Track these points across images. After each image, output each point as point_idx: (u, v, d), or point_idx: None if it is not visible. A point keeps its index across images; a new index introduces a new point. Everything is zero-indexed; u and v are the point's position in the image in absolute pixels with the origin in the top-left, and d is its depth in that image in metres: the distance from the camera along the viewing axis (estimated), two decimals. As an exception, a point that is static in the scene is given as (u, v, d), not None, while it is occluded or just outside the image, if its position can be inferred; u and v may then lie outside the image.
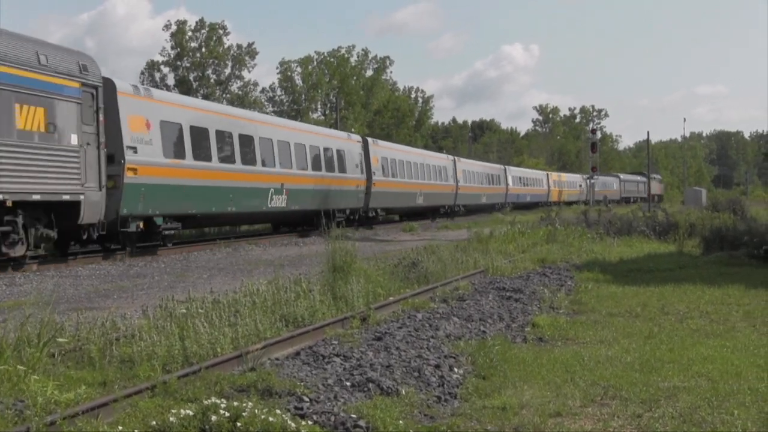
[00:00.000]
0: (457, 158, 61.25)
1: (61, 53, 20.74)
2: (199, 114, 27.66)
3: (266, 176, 31.00)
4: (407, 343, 10.80)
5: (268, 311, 11.75)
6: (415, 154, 51.50)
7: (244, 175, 29.48)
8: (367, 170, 41.33)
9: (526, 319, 13.73)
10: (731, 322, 13.23)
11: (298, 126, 38.19)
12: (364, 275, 15.08)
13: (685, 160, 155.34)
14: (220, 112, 29.76)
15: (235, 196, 28.91)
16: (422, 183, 50.00)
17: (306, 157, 34.96)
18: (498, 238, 27.28)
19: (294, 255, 25.42)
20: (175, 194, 25.48)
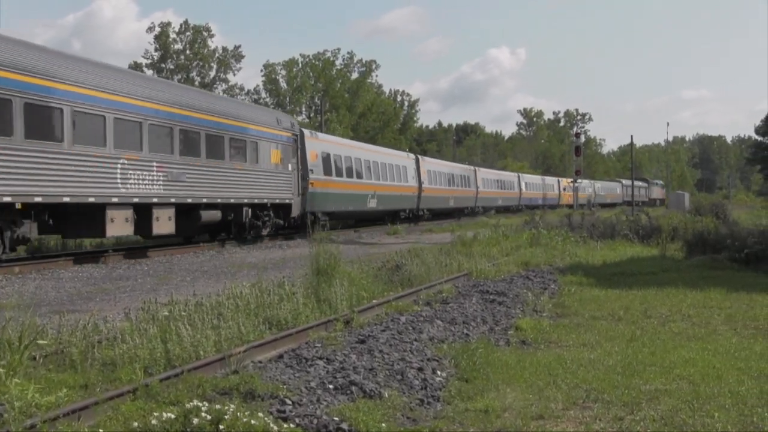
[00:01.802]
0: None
1: (283, 116, 35.03)
2: (337, 146, 41.87)
3: (366, 186, 44.30)
4: (390, 346, 10.79)
5: (252, 314, 11.72)
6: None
7: (356, 185, 42.96)
8: (417, 179, 53.68)
9: (509, 322, 13.74)
10: (713, 326, 13.28)
11: (380, 149, 51.98)
12: (348, 278, 15.07)
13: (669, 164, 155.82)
14: (345, 144, 44.77)
15: (352, 199, 42.17)
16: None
17: (386, 172, 47.79)
18: (482, 241, 27.32)
19: (278, 258, 25.38)
20: (326, 199, 38.63)
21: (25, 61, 19.53)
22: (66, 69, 21.13)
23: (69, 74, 21.18)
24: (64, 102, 20.79)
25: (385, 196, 47.08)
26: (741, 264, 22.46)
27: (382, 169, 47.23)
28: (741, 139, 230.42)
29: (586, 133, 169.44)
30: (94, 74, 22.40)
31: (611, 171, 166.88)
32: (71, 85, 21.11)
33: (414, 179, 53.39)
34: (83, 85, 21.57)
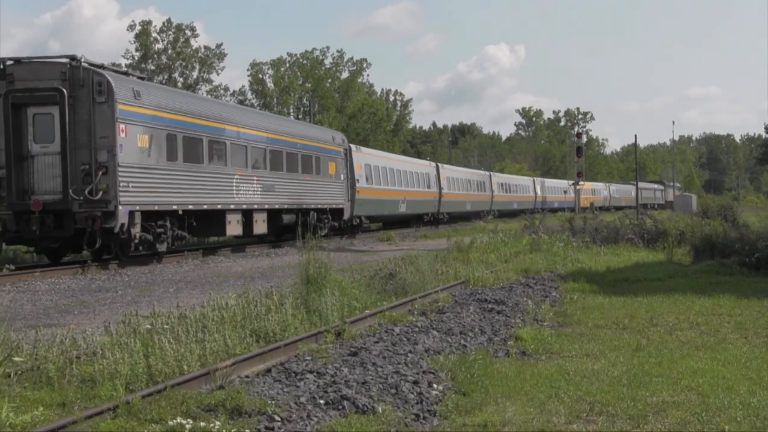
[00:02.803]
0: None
1: (336, 134, 43.66)
2: (375, 158, 49.78)
3: (398, 192, 51.52)
4: (384, 359, 10.78)
5: (238, 326, 11.71)
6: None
7: (391, 192, 49.99)
8: (438, 185, 60.77)
9: (508, 332, 13.73)
10: (722, 334, 13.28)
11: (407, 159, 61.37)
12: (339, 287, 15.07)
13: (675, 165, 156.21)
14: (381, 156, 52.95)
15: (387, 205, 49.54)
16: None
17: (413, 179, 55.13)
18: (479, 247, 27.35)
19: (265, 267, 25.36)
20: (369, 204, 46.00)
21: (184, 107, 27.96)
22: (204, 108, 29.88)
23: (207, 112, 29.53)
24: (204, 134, 28.61)
25: (413, 201, 55.01)
26: (751, 269, 22.49)
27: (409, 177, 55.04)
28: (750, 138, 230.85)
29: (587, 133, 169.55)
30: (221, 110, 31.71)
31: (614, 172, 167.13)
32: (207, 120, 28.96)
33: (435, 185, 60.94)
34: (214, 119, 29.57)
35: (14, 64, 23.97)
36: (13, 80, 23.61)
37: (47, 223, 23.53)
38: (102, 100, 23.58)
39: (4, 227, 23.71)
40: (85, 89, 23.61)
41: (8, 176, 23.44)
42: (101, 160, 23.40)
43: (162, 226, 26.22)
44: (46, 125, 23.69)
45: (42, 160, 23.73)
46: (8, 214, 23.52)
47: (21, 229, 23.61)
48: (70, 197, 23.26)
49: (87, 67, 23.89)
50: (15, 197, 23.48)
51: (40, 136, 23.75)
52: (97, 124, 23.54)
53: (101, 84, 23.55)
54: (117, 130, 23.63)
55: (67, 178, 23.31)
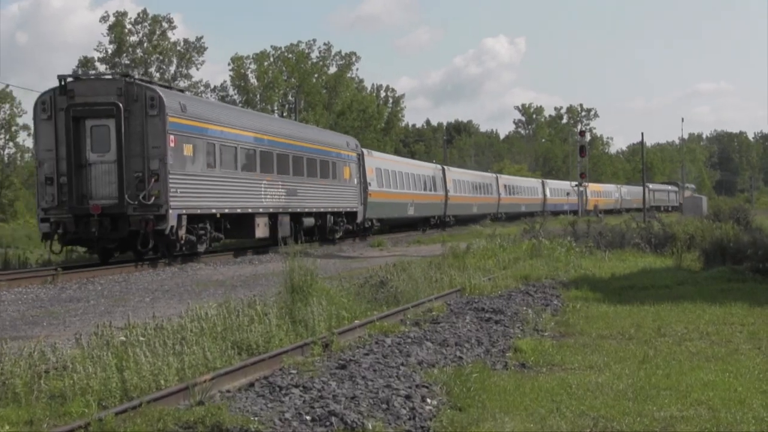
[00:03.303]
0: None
1: (350, 140, 47.10)
2: (386, 162, 53.54)
3: (406, 195, 54.90)
4: (374, 372, 10.79)
5: (218, 338, 11.70)
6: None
7: (400, 195, 53.56)
8: (444, 188, 63.70)
9: (507, 343, 13.75)
10: (734, 344, 13.32)
11: (414, 162, 65.73)
12: (327, 296, 15.07)
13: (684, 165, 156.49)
14: (391, 159, 57.12)
15: (397, 207, 52.89)
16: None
17: (420, 182, 58.38)
18: (476, 253, 27.34)
19: (248, 274, 25.36)
20: (381, 207, 49.39)
21: (220, 118, 31.51)
22: (237, 118, 33.59)
23: (239, 122, 33.04)
24: (237, 142, 32.05)
25: (420, 204, 58.14)
26: (765, 275, 22.54)
27: (417, 180, 58.37)
28: (764, 135, 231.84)
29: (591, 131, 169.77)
30: (251, 119, 36.00)
31: (620, 173, 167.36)
32: (239, 129, 32.47)
33: (441, 188, 63.87)
34: (245, 128, 33.22)
35: (74, 81, 27.76)
36: (74, 96, 27.02)
37: (105, 225, 26.93)
38: (154, 113, 27.08)
39: (65, 229, 27.10)
40: (139, 103, 27.06)
41: (69, 183, 26.79)
42: (153, 168, 26.93)
43: (203, 229, 29.93)
44: (102, 136, 27.12)
45: (99, 168, 27.18)
46: (69, 217, 26.90)
47: (80, 230, 27.04)
48: (125, 202, 26.65)
49: (140, 83, 27.65)
50: (75, 202, 26.83)
51: (97, 146, 27.15)
52: (150, 136, 27.01)
53: (153, 99, 27.06)
54: (167, 140, 27.19)
55: (123, 184, 26.67)
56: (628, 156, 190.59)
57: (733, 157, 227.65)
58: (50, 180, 27.14)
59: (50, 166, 27.18)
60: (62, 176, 26.95)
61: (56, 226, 27.15)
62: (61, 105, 27.02)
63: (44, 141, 27.45)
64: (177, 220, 27.58)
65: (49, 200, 27.18)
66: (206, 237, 30.27)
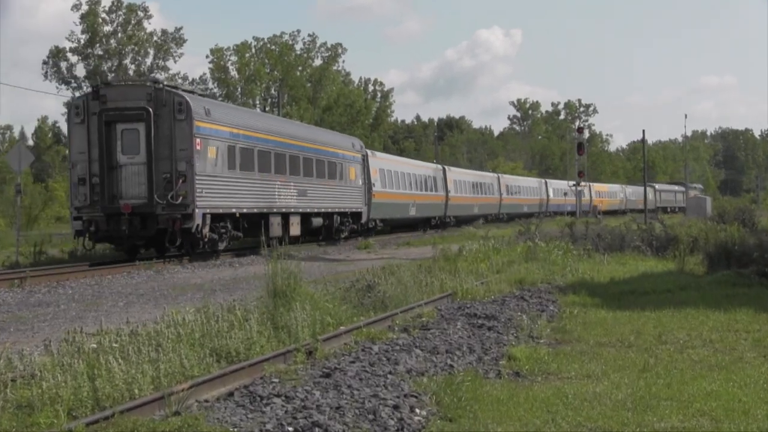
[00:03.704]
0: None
1: (355, 141, 50.36)
2: (389, 163, 56.93)
3: (408, 196, 57.78)
4: (361, 381, 10.80)
5: (196, 344, 11.69)
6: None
7: (402, 195, 56.45)
8: (445, 188, 66.54)
9: (500, 350, 13.77)
10: (739, 352, 13.35)
11: (416, 162, 68.22)
12: (311, 301, 15.06)
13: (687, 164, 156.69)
14: (393, 160, 60.54)
15: (399, 208, 55.83)
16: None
17: (422, 183, 61.63)
18: (468, 256, 27.34)
19: (228, 278, 25.35)
20: (384, 208, 52.15)
21: (240, 121, 34.73)
22: (254, 121, 37.29)
23: (255, 124, 36.41)
24: (254, 144, 34.97)
25: (422, 204, 61.10)
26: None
27: (418, 181, 61.35)
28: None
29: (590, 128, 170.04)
30: (266, 122, 39.72)
31: (620, 172, 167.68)
32: (256, 132, 35.51)
33: (442, 189, 66.80)
34: (261, 131, 36.11)
35: (106, 87, 30.84)
36: (106, 101, 29.78)
37: (135, 223, 29.65)
38: (182, 117, 29.85)
39: (96, 227, 29.91)
40: (167, 108, 29.83)
41: (101, 183, 29.59)
42: (181, 170, 29.71)
43: (224, 227, 32.66)
44: (132, 139, 29.86)
45: (129, 170, 29.91)
46: (100, 216, 29.70)
47: (111, 228, 29.83)
48: (154, 201, 29.40)
49: (168, 89, 30.49)
50: (107, 201, 29.60)
51: (128, 149, 29.91)
52: (177, 139, 29.78)
53: (181, 104, 29.83)
54: (194, 143, 30.02)
55: (152, 185, 29.42)
56: (628, 154, 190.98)
57: (738, 156, 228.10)
58: (83, 180, 29.90)
59: (83, 168, 29.93)
60: (94, 177, 29.71)
61: (88, 224, 29.91)
62: (93, 109, 29.76)
63: (77, 144, 30.28)
64: (202, 219, 30.46)
65: (81, 200, 29.93)
66: (226, 235, 33.00)
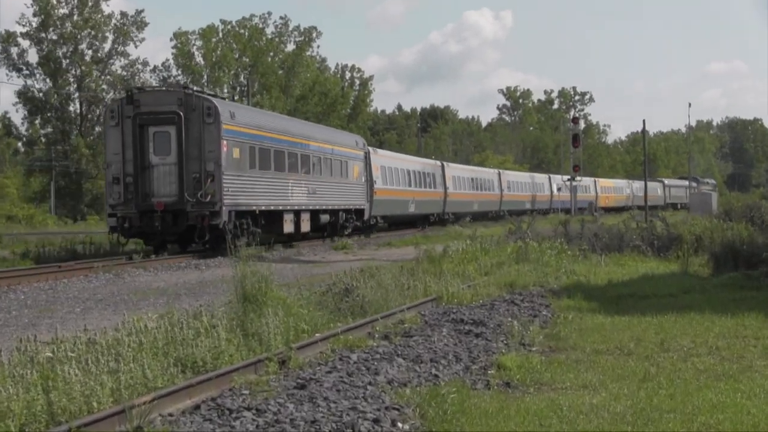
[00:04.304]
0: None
1: (358, 139, 54.45)
2: (389, 160, 60.70)
3: (408, 193, 61.81)
4: (338, 392, 10.81)
5: (160, 354, 11.68)
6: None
7: (402, 192, 60.50)
8: (443, 185, 70.37)
9: (489, 359, 13.79)
10: (747, 360, 13.41)
11: (415, 159, 71.80)
12: (284, 306, 15.07)
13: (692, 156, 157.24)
14: (393, 157, 64.27)
15: (399, 205, 59.90)
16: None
17: (421, 180, 65.47)
18: (454, 257, 27.37)
19: (194, 281, 25.31)
20: (385, 205, 55.94)
21: (258, 122, 38.92)
22: (270, 122, 41.45)
23: (271, 125, 40.48)
24: (271, 145, 39.02)
25: (421, 201, 65.08)
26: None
27: (417, 177, 65.32)
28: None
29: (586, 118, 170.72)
30: (280, 122, 44.02)
31: (618, 165, 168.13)
32: (272, 133, 39.52)
33: (440, 185, 70.80)
34: (276, 131, 40.21)
35: (140, 92, 34.93)
36: (139, 105, 33.70)
37: (167, 220, 33.59)
38: (210, 121, 33.78)
39: (130, 224, 33.74)
40: (197, 112, 33.67)
41: (135, 182, 33.41)
42: (209, 170, 33.59)
43: (246, 224, 35.88)
44: (163, 141, 33.62)
45: (160, 169, 33.69)
46: (134, 213, 33.53)
47: (143, 225, 33.75)
48: (185, 199, 33.15)
49: (198, 94, 34.79)
50: (140, 199, 33.40)
51: (159, 150, 33.65)
52: (206, 141, 33.67)
53: (210, 108, 33.80)
54: (221, 145, 34.05)
55: (183, 184, 33.25)
56: (627, 146, 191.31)
57: (747, 148, 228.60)
58: (117, 180, 33.67)
59: (117, 168, 33.72)
60: (128, 176, 33.51)
61: (122, 220, 33.73)
62: (127, 113, 33.66)
63: (112, 145, 34.07)
64: (228, 215, 34.26)
65: (116, 198, 33.72)
66: (248, 231, 35.33)
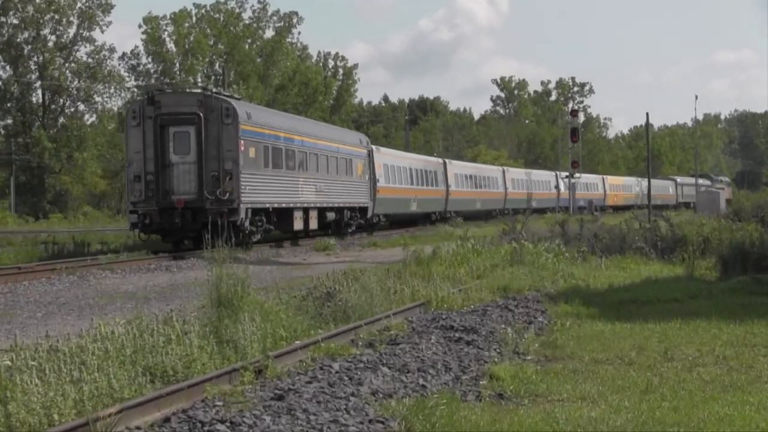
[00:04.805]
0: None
1: (362, 137, 59.32)
2: (392, 158, 64.90)
3: (410, 191, 65.73)
4: (319, 404, 10.80)
5: (127, 362, 11.65)
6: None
7: (405, 191, 64.56)
8: (445, 183, 74.21)
9: (481, 368, 13.80)
10: (756, 371, 13.43)
11: (417, 157, 75.68)
12: (261, 311, 15.04)
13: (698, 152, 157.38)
14: (396, 155, 68.42)
15: (402, 203, 64.06)
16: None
17: (423, 178, 69.43)
18: (444, 259, 27.33)
19: (164, 284, 25.27)
20: (387, 203, 60.05)
21: (271, 122, 42.58)
22: (282, 121, 45.37)
23: (282, 125, 44.30)
24: (282, 144, 42.70)
25: (423, 199, 68.96)
26: (795, 287, 22.72)
27: (419, 176, 69.21)
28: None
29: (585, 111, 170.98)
30: (290, 122, 48.02)
31: (620, 161, 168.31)
32: (284, 132, 43.28)
33: (442, 183, 74.58)
34: (287, 131, 43.86)
35: (161, 94, 38.66)
36: (160, 106, 36.93)
37: (186, 217, 36.67)
38: (228, 121, 37.17)
39: (151, 220, 36.89)
40: (215, 113, 37.05)
41: (156, 180, 36.54)
42: (228, 169, 36.94)
43: (260, 221, 39.77)
44: (183, 141, 36.93)
45: (180, 168, 36.95)
46: (155, 210, 36.60)
47: (164, 221, 36.91)
48: (204, 197, 36.30)
49: (217, 96, 38.34)
50: (160, 197, 36.56)
51: (179, 149, 36.95)
52: (224, 141, 37.05)
53: (228, 109, 37.18)
54: (239, 145, 37.44)
55: (202, 182, 36.49)
56: (629, 141, 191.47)
57: (757, 144, 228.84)
58: (138, 178, 36.78)
59: (138, 166, 36.87)
60: (149, 174, 36.61)
61: (143, 217, 36.92)
62: (148, 114, 36.85)
63: (133, 144, 37.32)
64: (245, 212, 37.67)
65: (137, 195, 36.92)
66: (262, 228, 39.99)
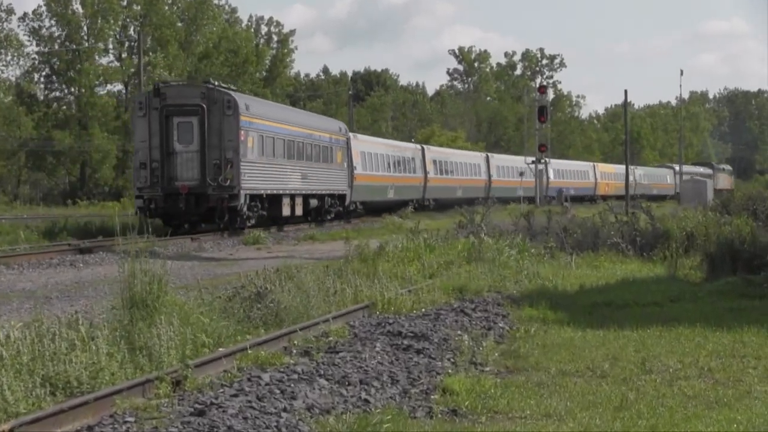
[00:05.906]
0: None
1: (341, 124, 69.82)
2: (369, 145, 72.34)
3: (387, 178, 72.77)
4: (245, 421, 10.80)
5: (24, 371, 11.60)
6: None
7: (381, 178, 71.46)
8: (423, 170, 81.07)
9: (432, 381, 13.84)
10: (746, 385, 13.54)
11: (394, 143, 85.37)
12: (180, 313, 14.99)
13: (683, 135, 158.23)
14: (373, 142, 76.21)
15: (379, 191, 71.22)
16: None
17: (401, 165, 76.72)
18: (392, 255, 27.24)
19: (69, 281, 25.13)
20: (364, 190, 67.11)
21: (264, 112, 50.38)
22: (271, 111, 53.72)
23: (272, 114, 52.19)
24: (273, 133, 50.12)
25: (400, 187, 75.50)
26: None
27: (396, 162, 76.46)
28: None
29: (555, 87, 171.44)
30: (279, 111, 57.45)
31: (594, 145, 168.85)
32: (274, 122, 50.84)
33: (420, 170, 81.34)
34: (276, 120, 51.47)
35: (166, 86, 46.43)
36: (166, 98, 44.08)
37: (190, 202, 43.69)
38: (230, 113, 44.42)
39: (156, 205, 43.82)
40: (217, 105, 44.34)
41: (161, 167, 43.40)
42: (228, 157, 44.08)
43: (255, 207, 47.29)
44: (186, 130, 44.00)
45: (183, 156, 43.96)
46: (160, 195, 43.59)
47: (168, 206, 43.82)
48: (207, 183, 43.30)
49: (219, 88, 45.82)
50: (165, 183, 43.45)
51: (183, 138, 43.92)
52: (226, 131, 44.22)
53: (230, 102, 44.54)
54: (239, 134, 44.81)
55: (205, 169, 43.45)
56: (605, 122, 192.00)
57: (750, 126, 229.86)
58: (144, 165, 43.72)
59: (144, 154, 43.93)
60: (154, 162, 43.58)
61: (149, 202, 43.81)
62: (154, 105, 43.93)
63: (140, 133, 44.54)
64: (244, 198, 44.91)
65: (143, 181, 43.75)
66: (256, 213, 47.43)
